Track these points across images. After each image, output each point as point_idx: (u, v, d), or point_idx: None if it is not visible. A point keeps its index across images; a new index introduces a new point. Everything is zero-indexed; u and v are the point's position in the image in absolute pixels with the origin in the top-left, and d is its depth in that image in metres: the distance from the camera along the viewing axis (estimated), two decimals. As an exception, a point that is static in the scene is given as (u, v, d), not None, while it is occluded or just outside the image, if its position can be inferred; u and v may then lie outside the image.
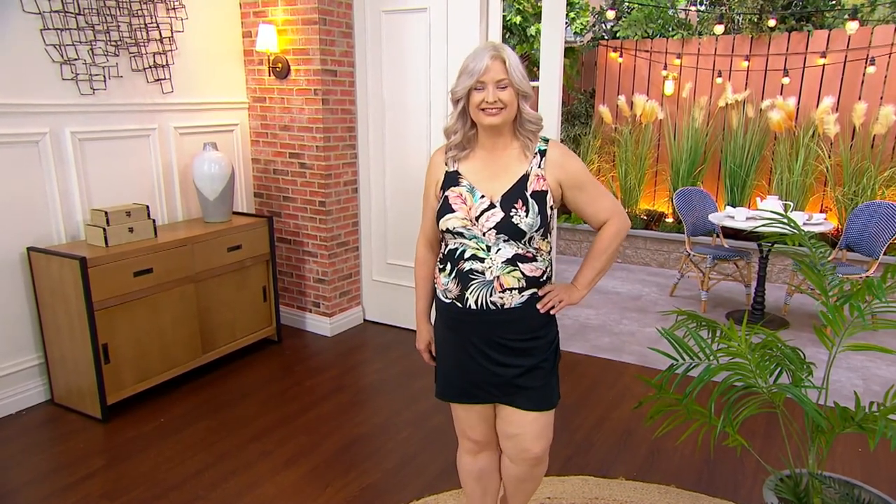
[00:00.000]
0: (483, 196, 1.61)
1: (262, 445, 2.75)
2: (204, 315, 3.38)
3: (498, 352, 1.66)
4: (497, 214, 1.58)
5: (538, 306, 1.65)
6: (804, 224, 4.00)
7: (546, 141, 1.67)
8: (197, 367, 3.39)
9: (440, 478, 2.51)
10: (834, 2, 5.56)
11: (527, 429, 1.72)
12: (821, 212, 5.42)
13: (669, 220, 5.98)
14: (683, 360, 1.78)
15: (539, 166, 1.63)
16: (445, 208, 1.63)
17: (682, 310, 1.98)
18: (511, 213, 1.58)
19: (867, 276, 4.06)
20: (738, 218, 4.18)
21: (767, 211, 4.39)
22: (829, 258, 3.03)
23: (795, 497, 1.70)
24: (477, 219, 1.60)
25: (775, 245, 4.36)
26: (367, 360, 3.71)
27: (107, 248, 2.95)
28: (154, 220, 3.18)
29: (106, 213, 2.97)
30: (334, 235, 3.93)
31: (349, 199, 4.00)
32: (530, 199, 1.59)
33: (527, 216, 1.58)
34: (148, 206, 3.17)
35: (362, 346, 3.90)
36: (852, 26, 4.81)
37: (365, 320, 4.28)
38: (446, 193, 1.65)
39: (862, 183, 5.08)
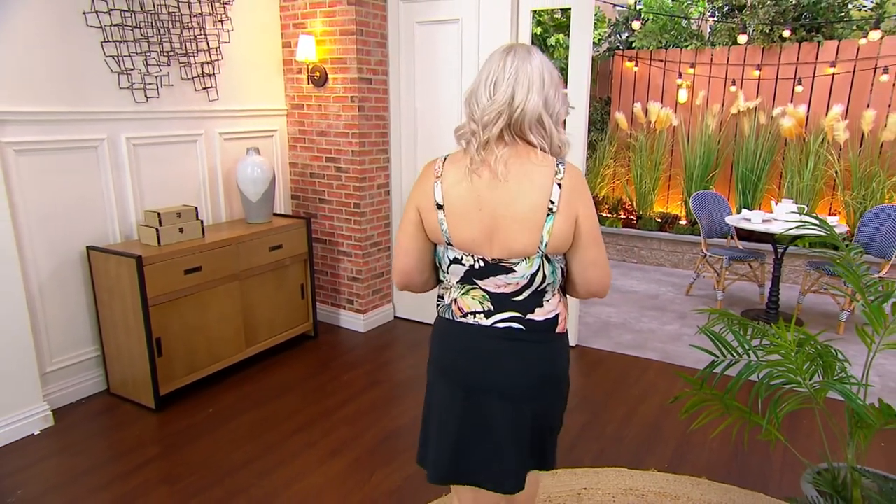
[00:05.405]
0: None
1: (307, 437, 2.89)
2: (247, 311, 3.53)
3: None
4: None
5: None
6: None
7: None
8: (240, 360, 3.54)
9: (483, 466, 2.65)
10: (843, 14, 5.71)
11: None
12: (830, 215, 5.57)
13: (683, 222, 6.13)
14: (724, 356, 1.91)
15: None
16: None
17: (714, 308, 2.11)
18: None
19: (881, 277, 4.20)
20: (755, 220, 4.32)
21: (786, 213, 4.48)
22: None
23: (833, 490, 1.78)
24: None
25: (789, 247, 4.51)
26: (399, 356, 3.86)
27: (159, 248, 3.10)
28: (202, 221, 3.33)
29: (158, 214, 3.12)
30: (368, 236, 4.08)
31: (382, 201, 4.15)
32: None
33: None
34: (196, 208, 3.32)
35: (394, 342, 4.05)
36: (875, 35, 5.00)
37: (395, 317, 4.44)
38: None
39: (871, 187, 5.24)
